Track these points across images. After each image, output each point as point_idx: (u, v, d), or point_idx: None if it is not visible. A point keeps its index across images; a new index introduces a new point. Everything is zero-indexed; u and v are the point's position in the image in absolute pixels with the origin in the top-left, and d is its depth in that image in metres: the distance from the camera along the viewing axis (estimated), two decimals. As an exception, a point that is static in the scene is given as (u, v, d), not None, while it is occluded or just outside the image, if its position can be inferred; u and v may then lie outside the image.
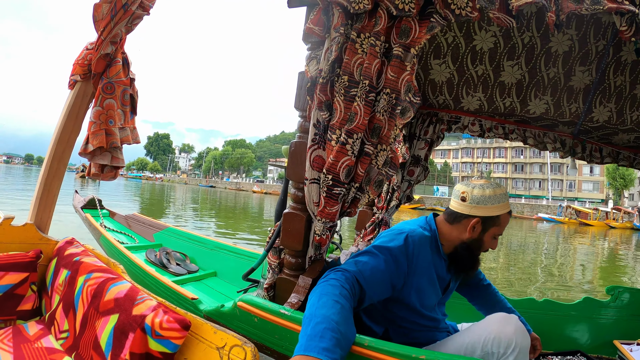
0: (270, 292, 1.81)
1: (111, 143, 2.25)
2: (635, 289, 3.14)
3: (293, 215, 1.74)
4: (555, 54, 2.36)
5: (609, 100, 2.56)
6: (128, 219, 4.95)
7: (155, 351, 1.34)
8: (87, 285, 1.68)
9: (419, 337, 1.84)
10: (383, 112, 1.61)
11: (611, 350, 2.96)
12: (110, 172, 2.37)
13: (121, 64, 2.24)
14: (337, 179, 1.60)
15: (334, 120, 1.59)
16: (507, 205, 1.81)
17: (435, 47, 2.42)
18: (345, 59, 1.58)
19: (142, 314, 1.39)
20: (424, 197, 60.83)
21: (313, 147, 1.64)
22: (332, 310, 1.28)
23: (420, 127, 2.89)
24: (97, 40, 2.10)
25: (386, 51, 1.60)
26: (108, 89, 2.19)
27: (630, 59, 2.34)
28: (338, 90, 1.59)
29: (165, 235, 4.58)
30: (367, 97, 1.57)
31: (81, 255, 1.94)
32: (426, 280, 1.77)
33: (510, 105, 2.68)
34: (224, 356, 1.26)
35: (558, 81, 2.52)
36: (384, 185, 2.83)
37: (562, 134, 2.98)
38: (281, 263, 1.83)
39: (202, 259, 4.16)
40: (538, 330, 3.03)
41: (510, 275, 10.03)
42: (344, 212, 1.73)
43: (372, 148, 1.64)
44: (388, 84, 1.59)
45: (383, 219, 2.85)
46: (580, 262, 14.77)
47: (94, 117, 2.19)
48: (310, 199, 1.66)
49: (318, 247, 1.74)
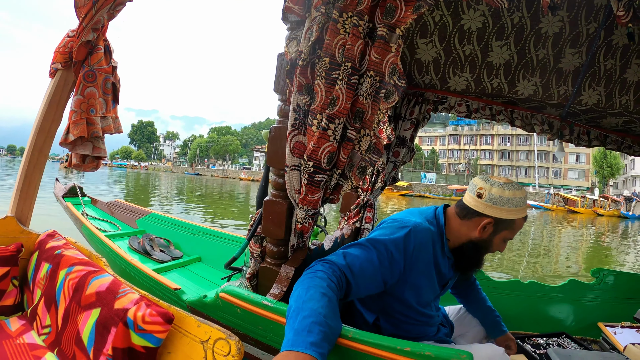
0: (253, 281, 1.77)
1: (92, 133, 2.20)
2: (619, 271, 3.19)
3: (274, 202, 1.70)
4: (545, 35, 2.32)
5: (598, 83, 2.54)
6: (110, 205, 4.89)
7: (138, 346, 1.32)
8: (69, 279, 1.66)
9: (410, 330, 1.81)
10: (366, 96, 1.55)
11: (595, 332, 3.01)
12: (91, 162, 2.34)
13: (103, 51, 2.19)
14: (319, 165, 1.55)
15: (315, 105, 1.53)
16: (524, 210, 1.71)
17: (422, 26, 2.37)
18: (326, 40, 1.51)
19: (124, 308, 1.37)
20: (412, 184, 61.19)
21: (293, 132, 1.58)
22: (320, 304, 1.24)
23: (406, 108, 2.86)
24: (78, 27, 2.05)
25: (370, 31, 1.54)
26: (89, 77, 2.15)
27: (621, 43, 2.31)
28: (319, 73, 1.52)
29: (148, 221, 4.53)
30: (349, 80, 1.51)
31: (62, 249, 1.91)
32: (425, 277, 1.71)
33: (498, 86, 2.65)
34: (208, 350, 1.25)
35: (547, 63, 2.49)
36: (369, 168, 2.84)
37: (550, 116, 2.97)
38: (263, 251, 1.79)
39: (186, 245, 4.14)
40: (523, 312, 3.12)
41: (500, 260, 10.18)
42: (327, 199, 1.69)
43: (355, 133, 1.59)
44: (372, 66, 1.53)
45: (368, 201, 2.81)
46: (569, 247, 15.13)
47: (75, 106, 2.14)
48: (291, 186, 1.61)
49: (300, 235, 1.70)
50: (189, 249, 4.08)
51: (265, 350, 1.57)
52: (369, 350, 1.29)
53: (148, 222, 4.54)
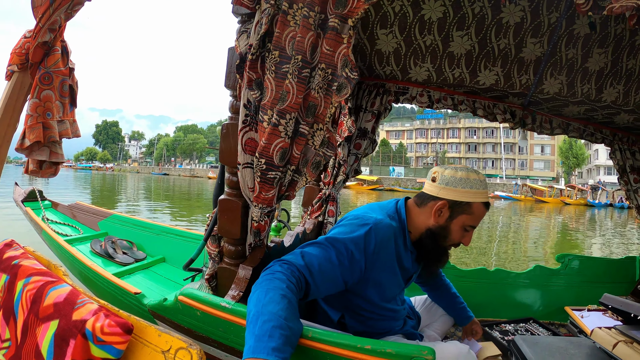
0: (213, 282, 1.73)
1: (49, 137, 2.13)
2: (584, 256, 3.27)
3: (229, 201, 1.65)
4: (507, 25, 2.33)
5: (560, 72, 2.57)
6: (72, 208, 4.75)
7: (98, 358, 1.28)
8: (27, 290, 1.58)
9: (376, 325, 1.79)
10: (318, 89, 1.52)
11: (563, 316, 3.08)
12: (49, 168, 2.25)
13: (60, 52, 2.12)
14: (271, 162, 1.51)
15: (265, 100, 1.49)
16: (482, 194, 1.66)
17: (382, 17, 2.34)
18: (276, 33, 1.48)
19: (82, 319, 1.32)
20: (382, 178, 61.62)
21: (244, 129, 1.54)
22: (280, 306, 1.21)
23: (367, 99, 2.83)
24: (35, 28, 1.97)
25: (322, 23, 1.50)
26: (45, 80, 2.07)
27: (583, 32, 2.33)
28: (269, 67, 1.49)
29: (110, 223, 4.43)
30: (300, 73, 1.47)
31: (20, 258, 1.81)
32: (388, 274, 1.69)
33: (460, 76, 2.65)
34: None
35: (509, 52, 2.50)
36: (330, 162, 2.78)
37: (512, 105, 3.00)
38: (221, 251, 1.75)
39: (149, 245, 4.06)
40: (491, 299, 3.16)
41: (469, 250, 10.35)
42: (282, 195, 1.66)
43: (308, 128, 1.55)
44: (323, 58, 1.49)
45: (330, 194, 2.79)
46: (537, 235, 15.52)
47: (31, 109, 2.07)
48: (245, 184, 1.57)
49: (257, 234, 1.67)
50: (153, 250, 4.01)
51: (228, 352, 1.54)
52: (330, 350, 1.27)
53: (110, 224, 4.43)
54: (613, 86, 2.60)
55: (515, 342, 1.99)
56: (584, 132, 3.19)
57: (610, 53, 2.43)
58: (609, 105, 2.76)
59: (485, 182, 1.69)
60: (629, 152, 3.32)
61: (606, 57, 2.45)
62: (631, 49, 2.41)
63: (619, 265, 3.39)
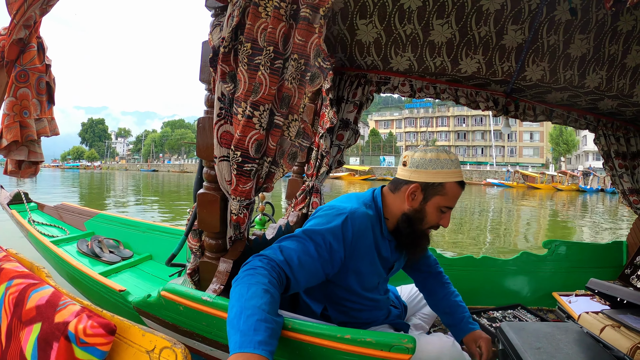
0: (195, 276, 1.75)
1: (27, 136, 2.12)
2: (571, 242, 3.30)
3: (207, 195, 1.67)
4: (487, 12, 2.32)
5: (542, 59, 2.57)
6: (58, 209, 4.75)
7: None
8: (9, 294, 1.56)
9: (359, 316, 1.80)
10: (292, 80, 1.53)
11: (551, 301, 3.11)
12: (28, 168, 2.24)
13: (36, 49, 2.10)
14: (247, 154, 1.52)
15: (239, 93, 1.50)
16: (454, 174, 1.65)
17: (361, 7, 2.33)
18: (247, 25, 1.48)
19: (64, 321, 1.30)
20: (373, 168, 61.68)
21: (220, 122, 1.55)
22: (263, 300, 1.21)
23: (349, 90, 2.83)
24: (9, 25, 1.95)
25: (293, 14, 1.50)
26: (22, 77, 2.06)
27: (564, 19, 2.33)
28: (241, 60, 1.49)
29: (96, 223, 4.43)
30: (272, 64, 1.48)
31: (2, 261, 1.79)
32: (367, 263, 1.68)
33: (441, 64, 2.65)
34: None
35: (490, 40, 2.50)
36: (312, 154, 2.79)
37: (494, 93, 3.00)
38: (202, 246, 1.76)
39: (136, 243, 4.06)
40: (478, 287, 3.19)
41: (463, 237, 10.43)
42: (260, 187, 1.66)
43: (283, 119, 1.57)
44: (296, 49, 1.50)
45: (314, 186, 2.78)
46: (532, 220, 15.69)
47: (7, 108, 2.05)
48: (222, 177, 1.58)
49: (237, 227, 1.68)
50: (140, 248, 4.01)
51: (212, 345, 1.56)
52: (310, 340, 1.28)
53: (96, 223, 4.44)
54: (596, 72, 2.60)
55: (501, 329, 2.00)
56: (567, 119, 3.20)
57: (592, 39, 2.43)
58: (593, 91, 2.77)
59: (457, 162, 1.68)
60: (613, 137, 3.34)
61: (588, 43, 2.45)
62: (613, 34, 2.42)
63: (605, 250, 3.43)
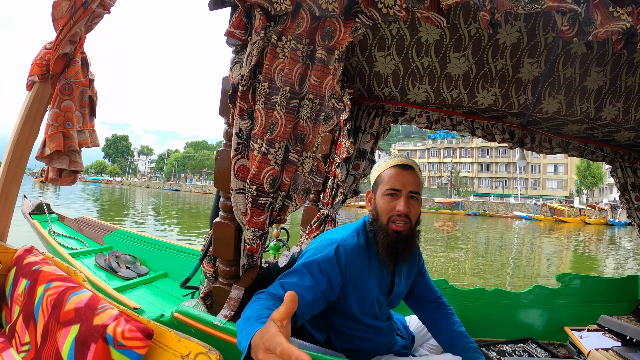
0: (207, 300, 1.79)
1: (69, 146, 2.22)
2: (585, 275, 3.25)
3: (223, 224, 1.72)
4: (503, 45, 2.34)
5: (558, 92, 2.57)
6: (79, 222, 4.86)
7: None
8: (47, 295, 1.64)
9: (361, 344, 1.82)
10: (307, 119, 1.58)
11: (562, 336, 3.06)
12: (68, 176, 2.34)
13: (80, 64, 2.20)
14: (262, 189, 1.58)
15: (256, 129, 1.56)
16: (392, 162, 1.74)
17: (380, 39, 2.38)
18: (265, 65, 1.54)
19: (103, 324, 1.37)
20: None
21: (237, 156, 1.61)
22: (266, 305, 1.28)
23: (366, 120, 2.87)
24: (55, 40, 2.06)
25: (310, 54, 1.55)
26: (66, 90, 2.16)
27: (580, 51, 2.33)
28: (259, 98, 1.55)
29: (115, 238, 4.52)
30: (288, 104, 1.53)
31: (40, 264, 1.89)
32: (363, 288, 1.71)
33: (458, 96, 2.68)
34: None
35: (506, 73, 2.52)
36: (329, 183, 2.82)
37: (511, 125, 3.01)
38: (216, 271, 1.81)
39: (152, 261, 4.15)
40: (489, 319, 3.16)
41: (493, 270, 10.40)
42: (274, 220, 1.72)
43: (297, 156, 1.62)
44: (311, 89, 1.55)
45: (328, 214, 2.80)
46: (562, 255, 15.54)
47: (52, 119, 2.15)
48: (238, 209, 1.64)
49: (250, 256, 1.72)
50: (156, 265, 4.09)
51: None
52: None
53: (115, 238, 4.53)
54: (612, 104, 2.60)
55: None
56: (584, 151, 3.19)
57: (608, 71, 2.43)
58: (609, 123, 2.76)
59: (400, 155, 1.79)
60: (630, 169, 3.31)
61: (604, 75, 2.45)
62: (630, 66, 2.41)
63: (620, 284, 3.37)
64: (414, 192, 1.71)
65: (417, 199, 1.73)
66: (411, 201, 1.70)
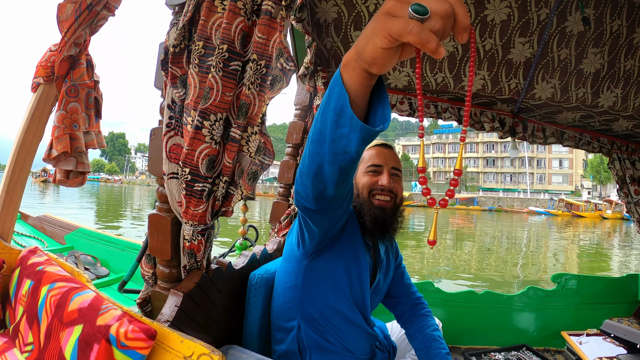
0: (146, 307, 1.58)
1: (76, 148, 2.25)
2: (582, 275, 3.01)
3: (157, 217, 1.45)
4: (492, 23, 2.17)
5: (552, 75, 2.39)
6: (41, 220, 4.72)
7: None
8: (51, 296, 1.64)
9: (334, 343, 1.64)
10: (250, 85, 1.30)
11: (559, 341, 2.86)
12: (76, 177, 2.37)
13: (85, 66, 2.21)
14: (197, 172, 1.30)
15: (189, 99, 1.28)
16: (372, 143, 1.69)
17: (356, 17, 2.19)
18: (201, 21, 1.27)
19: (106, 324, 1.35)
20: (412, 194, 60.04)
21: (169, 133, 1.34)
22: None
23: None
24: (60, 42, 2.06)
25: (257, 9, 1.30)
26: (72, 92, 2.18)
27: (576, 30, 2.17)
28: (192, 61, 1.28)
29: (76, 237, 4.35)
30: (225, 66, 1.26)
31: (44, 265, 1.89)
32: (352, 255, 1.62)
33: (443, 81, 2.48)
34: None
35: (495, 54, 2.33)
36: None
37: (501, 113, 2.79)
38: (155, 273, 1.56)
39: (114, 262, 3.95)
40: (479, 325, 2.91)
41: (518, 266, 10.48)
42: (217, 211, 1.44)
43: (240, 131, 1.33)
44: (256, 48, 1.28)
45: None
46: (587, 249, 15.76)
47: (58, 121, 2.16)
48: (173, 197, 1.37)
49: (192, 255, 1.46)
50: (118, 267, 3.88)
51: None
52: None
53: (76, 237, 4.35)
54: (610, 89, 2.43)
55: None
56: (579, 141, 2.97)
57: (606, 53, 2.26)
58: (607, 111, 2.57)
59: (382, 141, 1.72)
60: (629, 161, 3.10)
61: (602, 57, 2.28)
62: (629, 47, 2.23)
63: (619, 284, 3.16)
64: (395, 169, 1.67)
65: (399, 176, 1.69)
66: (394, 177, 1.66)
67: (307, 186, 1.14)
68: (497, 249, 14.74)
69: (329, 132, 0.86)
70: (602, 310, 2.81)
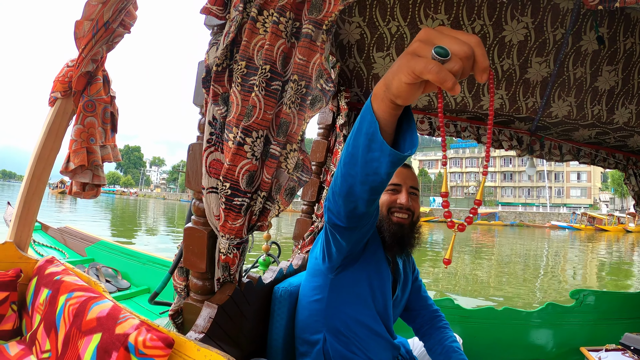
0: (178, 319, 1.59)
1: (92, 161, 2.30)
2: (601, 291, 2.99)
3: (193, 230, 1.48)
4: (510, 43, 2.20)
5: (568, 93, 2.41)
6: (62, 232, 4.74)
7: None
8: (69, 305, 1.66)
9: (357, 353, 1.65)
10: (290, 105, 1.34)
11: (578, 358, 2.83)
12: (91, 190, 2.42)
13: (102, 81, 2.28)
14: (237, 187, 1.33)
15: (231, 116, 1.32)
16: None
17: (378, 38, 2.24)
18: (244, 41, 1.32)
19: (125, 333, 1.37)
20: (433, 210, 59.48)
21: (209, 149, 1.37)
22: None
23: None
24: (77, 58, 2.12)
25: (295, 31, 1.35)
26: (89, 107, 2.24)
27: (590, 49, 2.19)
28: (235, 80, 1.32)
29: (97, 249, 4.38)
30: (268, 85, 1.30)
31: (62, 274, 1.91)
32: (374, 267, 1.68)
33: (462, 100, 2.51)
34: None
35: (513, 74, 2.35)
36: (323, 191, 2.58)
37: (519, 131, 2.82)
38: (188, 286, 1.58)
39: (135, 275, 3.97)
40: (498, 341, 2.89)
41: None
42: (253, 226, 1.47)
43: (279, 149, 1.37)
44: (297, 69, 1.33)
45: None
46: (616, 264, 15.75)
47: (75, 135, 2.21)
48: (210, 211, 1.40)
49: (226, 268, 1.49)
50: (138, 280, 3.91)
51: None
52: None
53: (97, 250, 4.37)
54: (625, 106, 2.45)
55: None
56: (595, 158, 2.99)
57: (620, 70, 2.29)
58: (622, 127, 2.59)
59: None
60: None
61: (616, 74, 2.31)
62: None
63: (638, 300, 3.14)
64: (413, 187, 1.76)
65: (417, 194, 1.78)
66: (412, 196, 1.74)
67: (339, 205, 1.22)
68: (532, 264, 14.99)
69: (361, 155, 0.93)
70: (621, 326, 2.80)
